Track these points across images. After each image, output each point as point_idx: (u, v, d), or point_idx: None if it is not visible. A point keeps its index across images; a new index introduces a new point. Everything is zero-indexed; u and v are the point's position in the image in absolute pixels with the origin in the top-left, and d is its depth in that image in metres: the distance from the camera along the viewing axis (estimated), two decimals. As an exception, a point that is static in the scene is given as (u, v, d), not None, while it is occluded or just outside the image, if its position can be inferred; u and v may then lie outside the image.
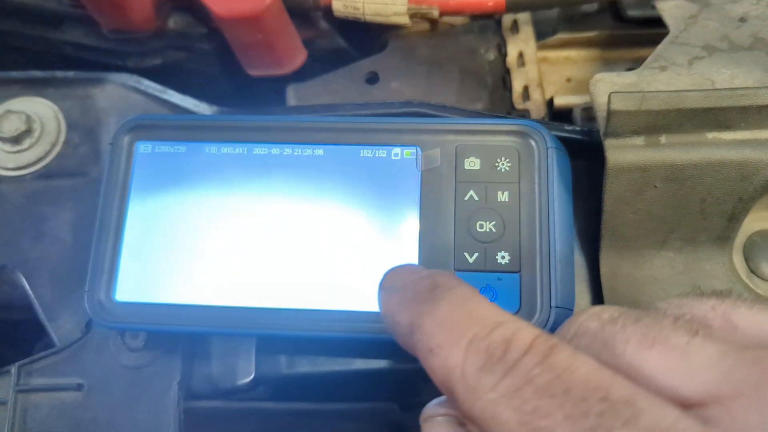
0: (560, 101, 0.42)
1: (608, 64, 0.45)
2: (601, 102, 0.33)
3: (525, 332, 0.18)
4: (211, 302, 0.33)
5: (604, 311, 0.19)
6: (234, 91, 0.48)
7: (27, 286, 0.39)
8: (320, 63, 0.46)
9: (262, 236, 0.34)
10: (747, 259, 0.35)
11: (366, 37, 0.47)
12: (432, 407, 0.21)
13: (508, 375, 0.17)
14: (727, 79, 0.34)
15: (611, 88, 0.34)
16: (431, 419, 0.21)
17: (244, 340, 0.36)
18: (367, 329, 0.32)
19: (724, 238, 0.34)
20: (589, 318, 0.19)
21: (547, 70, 0.45)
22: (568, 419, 0.16)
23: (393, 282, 0.23)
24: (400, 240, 0.33)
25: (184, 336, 0.36)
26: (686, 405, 0.16)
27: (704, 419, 0.16)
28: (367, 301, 0.32)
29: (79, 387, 0.36)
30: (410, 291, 0.22)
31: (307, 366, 0.36)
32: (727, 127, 0.32)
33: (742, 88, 0.31)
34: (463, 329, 0.19)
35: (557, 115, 0.42)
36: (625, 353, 0.17)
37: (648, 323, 0.18)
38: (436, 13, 0.40)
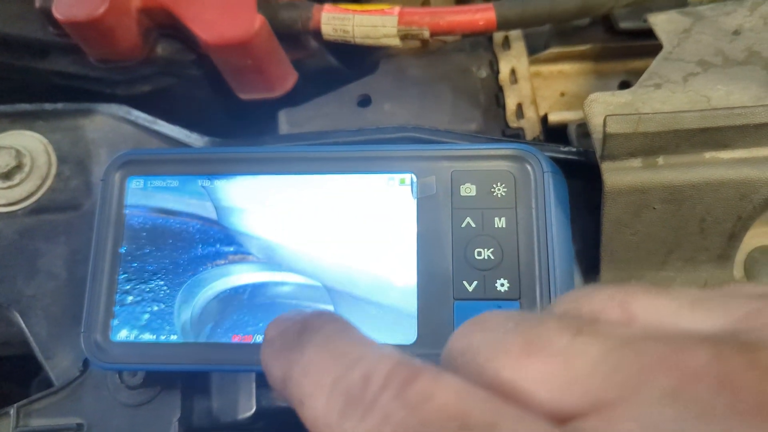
0: (555, 117, 0.42)
1: (602, 77, 0.45)
2: (596, 123, 0.33)
3: (384, 363, 0.16)
4: (209, 339, 0.33)
5: (489, 318, 0.17)
6: (225, 115, 0.48)
7: (23, 324, 0.38)
8: (312, 83, 0.46)
9: (258, 271, 0.33)
10: (748, 276, 0.35)
11: (357, 56, 0.46)
12: None
13: (366, 416, 0.16)
14: (722, 95, 0.34)
15: (606, 108, 0.33)
16: None
17: (244, 374, 0.36)
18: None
19: (724, 256, 0.34)
20: (473, 329, 0.17)
21: (541, 84, 0.45)
22: None
23: (269, 332, 0.21)
24: (397, 270, 0.33)
25: (183, 374, 0.35)
26: (566, 418, 0.14)
27: None
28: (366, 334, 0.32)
29: (78, 427, 0.35)
30: (280, 340, 0.20)
31: (308, 399, 0.35)
32: (725, 146, 0.32)
33: (738, 107, 0.31)
34: (326, 372, 0.17)
35: (552, 132, 0.42)
36: (506, 366, 0.16)
37: (530, 327, 0.16)
38: (426, 34, 0.40)
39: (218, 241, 0.34)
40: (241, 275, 0.33)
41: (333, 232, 0.33)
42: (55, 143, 0.41)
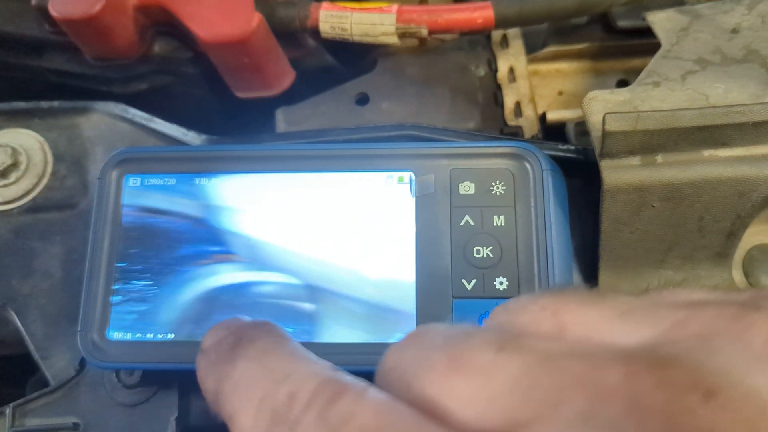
0: (553, 116, 0.42)
1: (600, 76, 0.45)
2: (595, 121, 0.33)
3: (311, 381, 0.16)
4: (206, 338, 0.33)
5: (423, 333, 0.17)
6: (223, 113, 0.48)
7: (18, 324, 0.38)
8: (309, 82, 0.46)
9: (255, 269, 0.33)
10: (746, 274, 0.35)
11: (355, 54, 0.46)
12: None
13: None
14: (721, 93, 0.34)
15: (605, 106, 0.33)
16: None
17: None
18: (363, 361, 0.31)
19: (722, 254, 0.34)
20: (405, 345, 0.17)
21: (539, 83, 0.45)
22: None
23: (205, 342, 0.21)
24: (396, 269, 0.32)
25: (180, 373, 0.35)
26: None
27: None
28: (361, 334, 0.32)
29: (75, 426, 0.35)
30: (214, 351, 0.20)
31: (306, 398, 0.35)
32: (723, 144, 0.32)
33: (737, 105, 0.31)
34: (255, 389, 0.17)
35: (550, 130, 0.42)
36: (431, 383, 0.15)
37: (457, 342, 0.16)
38: (424, 32, 0.40)
39: (214, 239, 0.34)
40: (238, 273, 0.33)
41: (331, 231, 0.33)
42: (52, 141, 0.41)
